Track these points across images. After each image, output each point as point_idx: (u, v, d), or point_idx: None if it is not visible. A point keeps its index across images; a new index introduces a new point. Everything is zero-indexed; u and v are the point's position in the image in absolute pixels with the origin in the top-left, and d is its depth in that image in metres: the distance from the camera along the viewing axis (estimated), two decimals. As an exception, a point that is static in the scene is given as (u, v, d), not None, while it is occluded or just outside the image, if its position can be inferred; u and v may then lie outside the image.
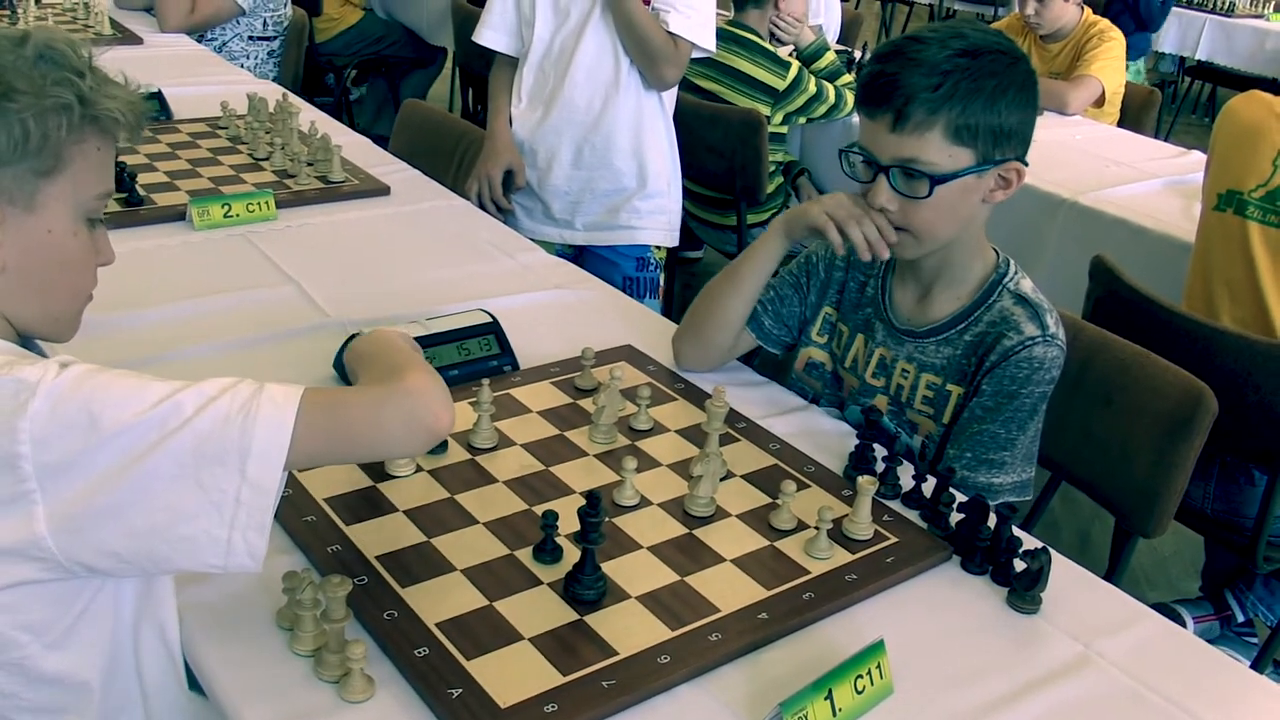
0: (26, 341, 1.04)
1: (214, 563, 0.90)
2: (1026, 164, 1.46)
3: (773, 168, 3.15)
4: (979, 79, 1.37)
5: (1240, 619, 2.34)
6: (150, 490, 0.86)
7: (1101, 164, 3.04)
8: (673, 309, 3.00)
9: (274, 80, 3.70)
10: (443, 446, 1.37)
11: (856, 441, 1.41)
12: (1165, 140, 6.44)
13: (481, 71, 2.61)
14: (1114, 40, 3.55)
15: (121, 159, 1.96)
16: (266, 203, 2.06)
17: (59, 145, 0.96)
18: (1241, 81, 6.51)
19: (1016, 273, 1.53)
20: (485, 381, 1.41)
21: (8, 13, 3.40)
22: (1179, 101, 7.11)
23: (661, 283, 2.55)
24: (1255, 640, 2.34)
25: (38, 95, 0.94)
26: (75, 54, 0.98)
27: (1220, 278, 2.17)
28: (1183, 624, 2.30)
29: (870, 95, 1.41)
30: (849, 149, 1.48)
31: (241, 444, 0.87)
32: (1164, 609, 2.32)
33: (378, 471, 1.31)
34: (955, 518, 1.30)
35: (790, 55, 3.22)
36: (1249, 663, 2.18)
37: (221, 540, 0.88)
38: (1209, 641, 2.27)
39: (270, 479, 0.88)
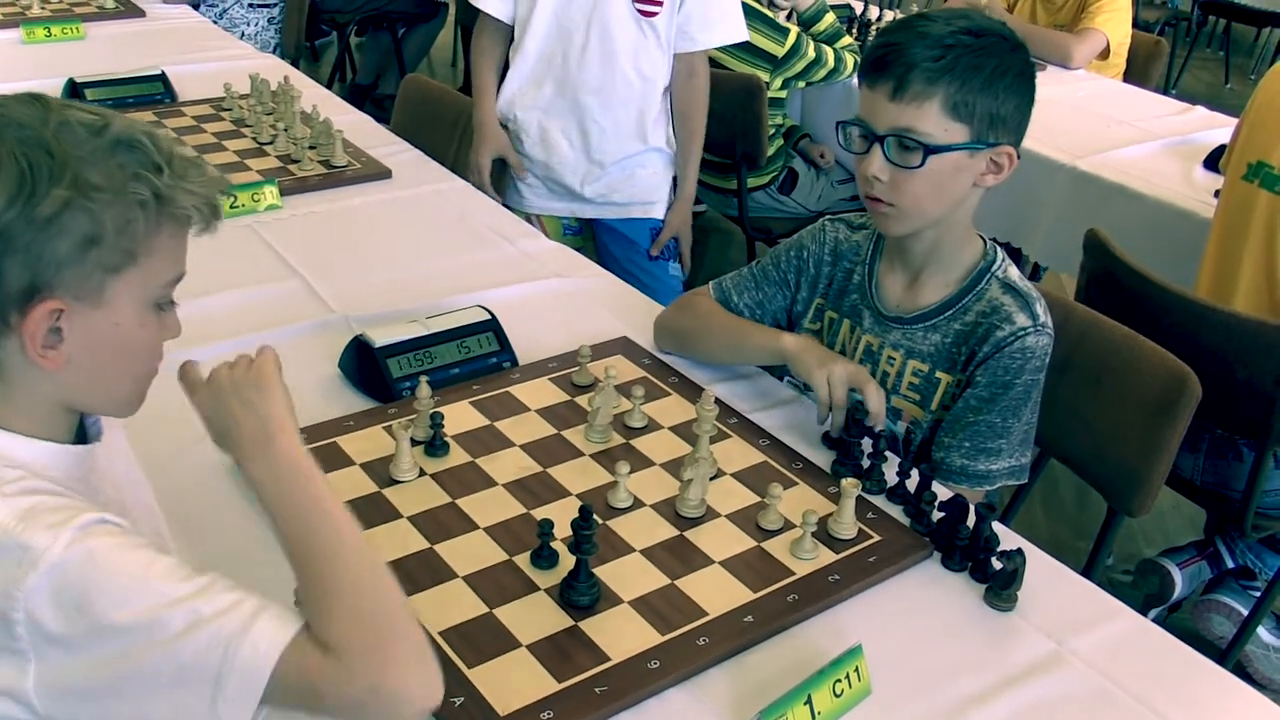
0: (84, 420, 1.02)
1: None
2: (1019, 153, 1.49)
3: (772, 131, 3.16)
4: (980, 57, 1.42)
5: (1230, 565, 2.37)
6: (125, 691, 0.86)
7: (1103, 124, 3.04)
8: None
9: (275, 47, 3.71)
10: (444, 448, 1.43)
11: (844, 438, 1.46)
12: (1179, 75, 6.44)
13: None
14: None
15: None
16: (271, 192, 2.10)
17: (132, 243, 0.91)
18: (1256, 16, 6.45)
19: (1004, 261, 1.57)
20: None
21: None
22: (1193, 36, 7.04)
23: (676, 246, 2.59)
24: (1257, 590, 2.36)
25: (114, 192, 0.89)
26: (155, 146, 0.93)
27: (1241, 248, 2.18)
28: (1171, 580, 2.34)
29: (873, 65, 1.46)
30: (847, 122, 1.52)
31: (217, 679, 0.85)
32: (1150, 565, 2.37)
33: (383, 477, 1.37)
34: (937, 515, 1.35)
35: (789, 20, 3.21)
36: (1247, 611, 2.23)
37: None
38: (1202, 584, 2.33)
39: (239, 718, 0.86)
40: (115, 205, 0.89)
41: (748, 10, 3.08)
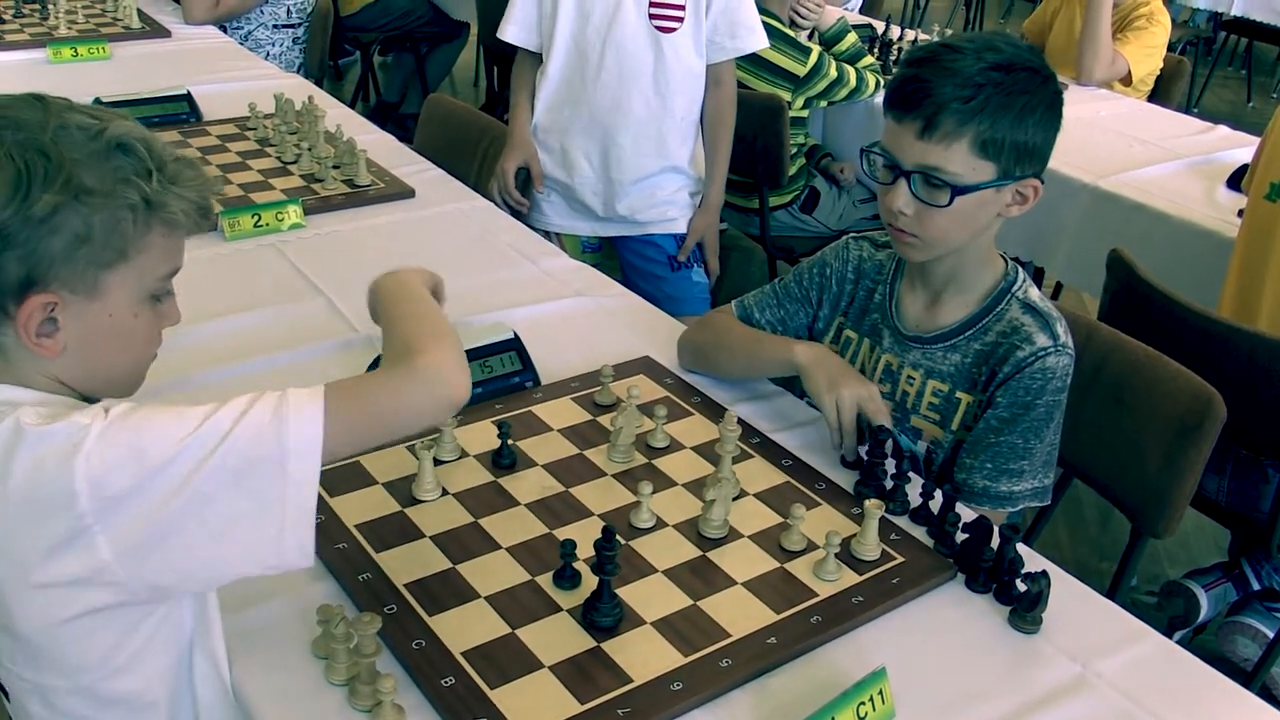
0: (86, 397, 1.08)
1: (270, 562, 0.96)
2: (1043, 181, 1.48)
3: (794, 150, 3.17)
4: (1010, 94, 1.40)
5: (1255, 586, 2.35)
6: (203, 505, 0.92)
7: (1125, 143, 3.03)
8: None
9: (299, 67, 3.74)
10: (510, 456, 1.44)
11: (866, 459, 1.46)
12: (1200, 94, 6.42)
13: (504, 50, 2.63)
14: (1158, 28, 3.52)
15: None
16: (295, 211, 2.11)
17: (122, 242, 0.98)
18: (1277, 35, 6.42)
19: (1024, 281, 1.57)
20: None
21: (38, 6, 3.45)
22: (1215, 55, 7.02)
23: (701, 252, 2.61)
24: (1281, 613, 2.35)
25: (105, 195, 0.96)
26: (149, 151, 0.99)
27: (1264, 268, 2.16)
28: (1196, 602, 2.32)
29: (900, 100, 1.44)
30: (871, 149, 1.51)
31: (280, 447, 0.94)
32: (1174, 587, 2.35)
33: (406, 496, 1.37)
34: (961, 537, 1.34)
35: (811, 39, 3.22)
36: (1273, 633, 2.21)
37: (273, 539, 0.95)
38: (1228, 606, 2.31)
39: (310, 475, 0.95)
40: (105, 207, 0.96)
41: (770, 30, 3.10)
